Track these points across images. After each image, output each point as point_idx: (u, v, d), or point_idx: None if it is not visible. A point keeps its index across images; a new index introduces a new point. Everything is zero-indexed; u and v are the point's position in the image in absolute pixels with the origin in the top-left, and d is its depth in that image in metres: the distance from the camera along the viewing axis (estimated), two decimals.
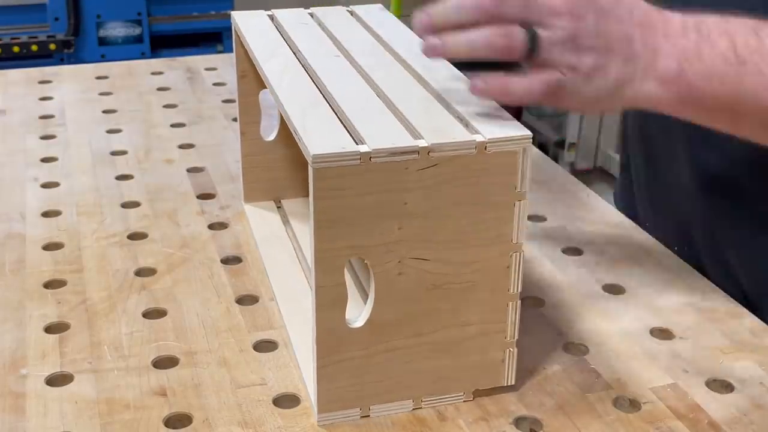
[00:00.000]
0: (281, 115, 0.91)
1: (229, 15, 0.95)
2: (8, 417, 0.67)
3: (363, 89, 0.71)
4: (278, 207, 0.96)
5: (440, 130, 0.63)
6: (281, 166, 0.95)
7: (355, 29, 0.87)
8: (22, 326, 0.77)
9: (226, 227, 0.94)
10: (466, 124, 0.65)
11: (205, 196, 1.00)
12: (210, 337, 0.76)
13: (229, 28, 0.94)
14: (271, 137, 0.94)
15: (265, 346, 0.75)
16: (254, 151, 0.94)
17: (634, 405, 0.69)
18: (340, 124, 0.64)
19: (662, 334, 0.77)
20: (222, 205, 0.98)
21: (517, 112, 2.93)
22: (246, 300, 0.81)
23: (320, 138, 0.61)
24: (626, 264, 0.87)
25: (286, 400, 0.69)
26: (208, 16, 2.72)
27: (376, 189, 0.61)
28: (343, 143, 0.61)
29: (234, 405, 0.68)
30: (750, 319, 0.79)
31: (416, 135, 0.63)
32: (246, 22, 0.89)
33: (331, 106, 0.68)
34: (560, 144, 3.20)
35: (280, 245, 0.89)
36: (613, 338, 0.76)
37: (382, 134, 0.62)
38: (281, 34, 0.85)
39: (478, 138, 0.62)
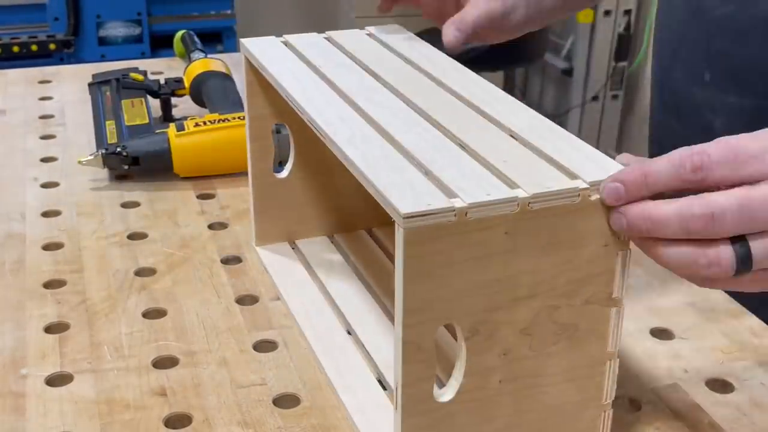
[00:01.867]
0: (294, 148, 0.85)
1: (229, 15, 0.93)
2: (8, 417, 0.67)
3: (429, 131, 0.64)
4: (293, 248, 0.89)
5: (533, 175, 0.56)
6: (295, 205, 0.88)
7: (386, 56, 0.80)
8: (22, 326, 0.77)
9: (226, 227, 0.94)
10: (559, 167, 0.58)
11: (205, 196, 1.00)
12: (210, 337, 0.76)
13: (229, 28, 0.93)
14: (284, 175, 0.87)
15: (265, 346, 0.75)
16: (266, 193, 0.87)
17: (634, 405, 0.69)
18: (421, 175, 0.57)
19: (662, 334, 0.77)
20: (222, 205, 0.98)
21: None
22: (246, 300, 0.81)
23: (405, 195, 0.54)
24: None
25: (286, 400, 0.69)
26: (208, 16, 2.72)
27: (471, 250, 0.54)
28: (431, 199, 0.53)
29: (234, 405, 0.68)
30: (750, 319, 0.79)
31: (511, 184, 0.55)
32: (264, 54, 0.79)
33: (402, 154, 0.60)
34: None
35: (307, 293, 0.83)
36: None
37: (473, 185, 0.55)
38: (309, 67, 0.77)
39: (581, 184, 0.55)
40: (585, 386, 0.61)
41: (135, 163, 1.01)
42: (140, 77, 1.22)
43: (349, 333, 0.76)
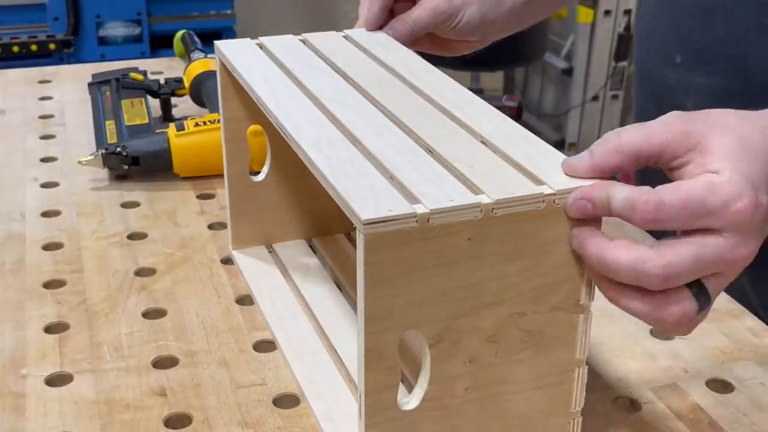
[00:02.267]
0: (270, 151, 0.84)
1: (229, 15, 0.92)
2: (8, 417, 0.67)
3: (397, 135, 0.63)
4: (270, 252, 0.88)
5: (498, 181, 0.56)
6: (272, 208, 0.87)
7: (359, 58, 0.78)
8: (22, 326, 0.77)
9: (226, 227, 0.94)
10: (526, 173, 0.57)
11: (205, 196, 1.00)
12: (210, 337, 0.76)
13: (229, 28, 0.92)
14: (261, 177, 0.86)
15: (265, 346, 0.75)
16: (242, 196, 0.85)
17: (634, 405, 0.69)
18: (385, 180, 0.56)
19: (662, 334, 0.77)
20: (222, 205, 0.98)
21: (517, 111, 2.94)
22: (246, 300, 0.81)
23: (366, 200, 0.53)
24: None
25: (286, 400, 0.69)
26: (208, 16, 2.72)
27: (434, 256, 0.53)
28: (392, 204, 0.52)
29: (234, 405, 0.68)
30: (750, 319, 0.79)
31: (475, 189, 0.55)
32: (236, 56, 0.78)
33: (368, 159, 0.59)
34: (560, 144, 3.20)
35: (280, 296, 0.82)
36: (613, 338, 0.76)
37: (436, 190, 0.54)
38: (282, 69, 0.76)
39: (546, 190, 0.55)
40: (553, 394, 0.60)
41: (135, 163, 1.01)
42: (140, 77, 1.22)
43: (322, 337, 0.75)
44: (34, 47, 2.57)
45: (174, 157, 1.02)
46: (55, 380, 0.71)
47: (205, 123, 1.04)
